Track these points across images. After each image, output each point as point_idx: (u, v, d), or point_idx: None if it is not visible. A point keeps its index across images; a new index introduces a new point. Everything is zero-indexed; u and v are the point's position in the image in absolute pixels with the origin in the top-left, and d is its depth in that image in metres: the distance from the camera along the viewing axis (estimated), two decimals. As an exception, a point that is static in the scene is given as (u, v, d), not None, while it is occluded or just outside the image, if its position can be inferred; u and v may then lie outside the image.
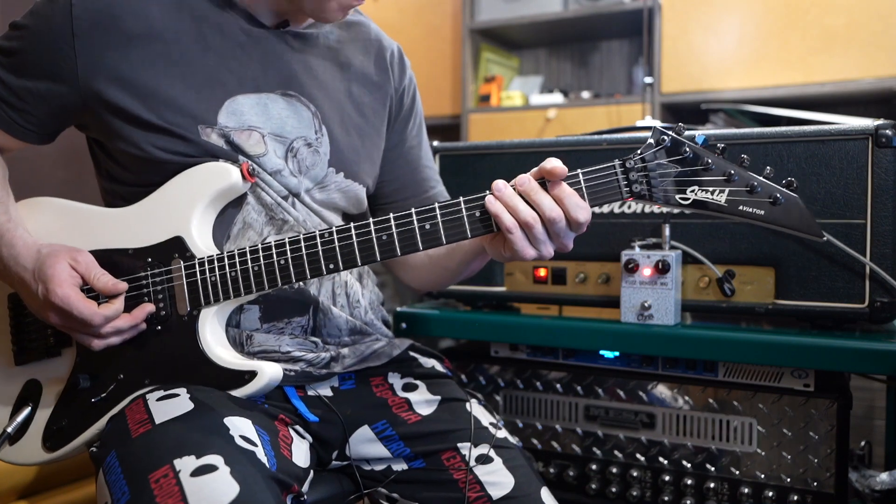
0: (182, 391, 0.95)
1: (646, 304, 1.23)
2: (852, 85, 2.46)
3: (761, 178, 0.87)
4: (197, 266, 0.98)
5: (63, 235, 1.03)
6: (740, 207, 0.87)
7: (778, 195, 0.86)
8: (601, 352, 1.33)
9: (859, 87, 2.46)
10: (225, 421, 0.90)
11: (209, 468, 0.81)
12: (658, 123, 0.99)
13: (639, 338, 1.23)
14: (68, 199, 1.07)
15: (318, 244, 0.95)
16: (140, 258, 1.00)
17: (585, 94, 3.00)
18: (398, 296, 2.75)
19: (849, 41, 2.46)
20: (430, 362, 1.19)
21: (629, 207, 1.30)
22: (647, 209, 1.29)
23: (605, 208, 1.31)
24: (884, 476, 1.15)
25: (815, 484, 1.17)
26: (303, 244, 0.96)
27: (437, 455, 1.05)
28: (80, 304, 0.94)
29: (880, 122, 1.15)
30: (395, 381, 1.13)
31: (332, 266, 0.95)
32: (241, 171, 1.00)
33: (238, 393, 0.97)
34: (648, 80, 2.73)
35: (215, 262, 0.98)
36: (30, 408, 1.02)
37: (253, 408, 0.97)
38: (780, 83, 2.55)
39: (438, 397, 1.11)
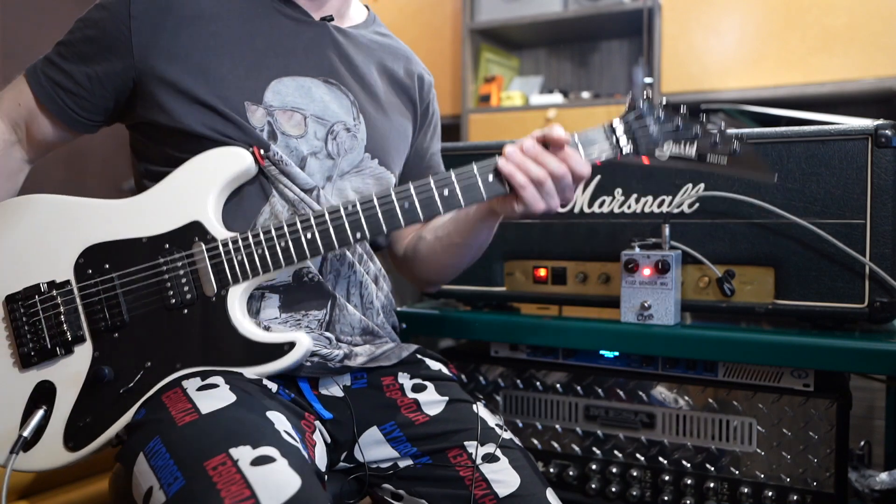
0: (220, 381, 0.95)
1: (646, 304, 1.23)
2: (852, 85, 2.46)
3: (718, 131, 1.01)
4: (221, 247, 0.98)
5: (60, 234, 1.02)
6: (707, 158, 1.01)
7: (735, 147, 1.00)
8: (601, 352, 1.33)
9: (859, 87, 2.46)
10: (268, 415, 0.90)
11: (267, 459, 0.82)
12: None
13: (639, 338, 1.23)
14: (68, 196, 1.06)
15: (344, 217, 0.98)
16: (156, 246, 1.00)
17: (585, 95, 3.00)
18: (398, 296, 2.75)
19: (849, 41, 2.46)
20: (437, 365, 1.20)
21: (629, 208, 1.30)
22: (647, 209, 1.29)
23: (605, 208, 1.32)
24: (883, 476, 1.16)
25: (815, 484, 1.17)
26: (328, 217, 0.98)
27: (443, 453, 1.06)
28: None
29: (880, 122, 1.15)
30: (405, 381, 1.13)
31: (358, 235, 0.98)
32: (254, 154, 1.02)
33: (275, 366, 0.96)
34: (648, 80, 2.73)
35: (240, 242, 0.98)
36: (43, 410, 0.99)
37: (285, 406, 0.98)
38: (780, 83, 2.56)
39: (446, 398, 1.12)
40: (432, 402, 1.11)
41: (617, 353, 1.32)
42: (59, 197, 1.05)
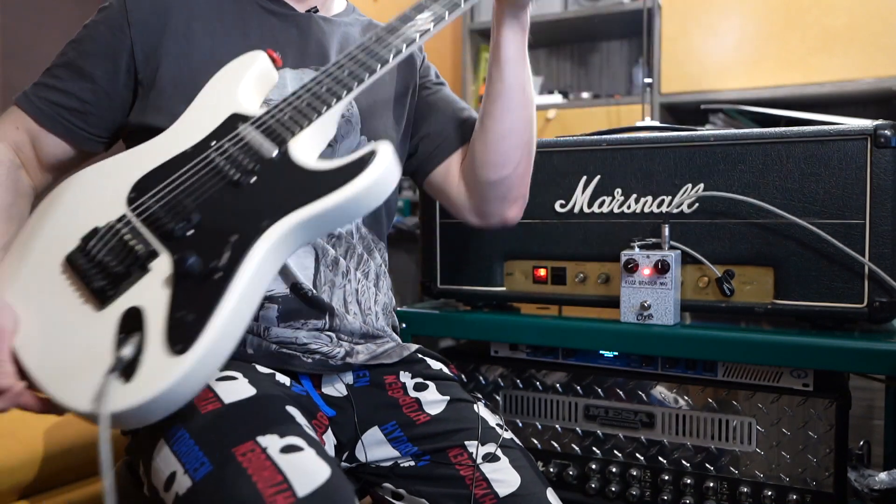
0: (239, 375, 0.95)
1: (645, 304, 1.23)
2: (851, 85, 2.47)
3: None
4: (265, 116, 0.94)
5: (107, 187, 0.95)
6: None
7: None
8: (600, 351, 1.33)
9: (858, 87, 2.46)
10: (287, 409, 0.91)
11: (295, 448, 0.82)
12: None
13: (638, 338, 1.23)
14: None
15: (374, 44, 0.97)
16: (202, 147, 0.94)
17: (585, 95, 3.01)
18: (398, 296, 2.75)
19: (848, 41, 2.46)
20: (437, 365, 1.20)
21: (629, 208, 1.30)
22: (646, 209, 1.29)
23: (605, 208, 1.32)
24: (882, 475, 1.16)
25: (814, 483, 1.17)
26: (358, 49, 0.97)
27: (444, 452, 1.06)
28: None
29: (879, 122, 1.15)
30: (407, 380, 1.14)
31: (393, 52, 0.95)
32: (268, 54, 1.03)
33: (364, 179, 0.84)
34: (648, 80, 2.73)
35: (281, 103, 0.94)
36: (137, 335, 0.81)
37: (299, 403, 0.98)
38: (780, 83, 2.56)
39: (447, 397, 1.12)
40: (434, 401, 1.11)
41: (616, 353, 1.32)
42: (97, 164, 1.00)
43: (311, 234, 0.90)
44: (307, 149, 0.90)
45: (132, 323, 0.82)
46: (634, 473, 1.28)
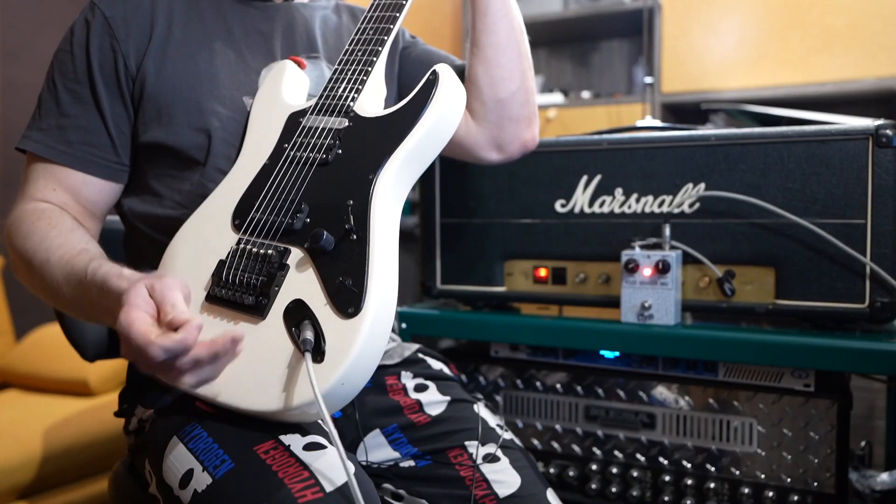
0: None
1: (646, 305, 1.23)
2: (853, 85, 2.46)
3: None
4: (321, 100, 0.98)
5: (212, 229, 0.96)
6: None
7: None
8: (601, 352, 1.33)
9: (860, 86, 2.46)
10: None
11: (318, 445, 0.82)
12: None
13: (639, 338, 1.23)
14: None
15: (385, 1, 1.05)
16: (278, 153, 0.97)
17: (586, 94, 3.00)
18: (398, 295, 2.74)
19: (849, 41, 2.46)
20: (438, 364, 1.20)
21: (629, 207, 1.30)
22: (647, 209, 1.28)
23: (606, 208, 1.31)
24: (884, 476, 1.15)
25: (816, 484, 1.17)
26: (372, 12, 1.03)
27: (444, 452, 1.06)
28: (138, 329, 0.75)
29: (881, 121, 1.15)
30: (408, 381, 1.14)
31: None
32: (293, 62, 1.06)
33: (435, 105, 0.92)
34: (649, 79, 2.73)
35: (329, 83, 0.99)
36: (307, 320, 0.83)
37: None
38: (781, 83, 2.56)
39: (448, 398, 1.12)
40: (434, 402, 1.11)
41: (617, 354, 1.32)
42: (191, 219, 0.99)
43: (417, 167, 0.94)
44: (373, 104, 0.97)
45: (298, 314, 0.84)
46: (635, 474, 1.28)
